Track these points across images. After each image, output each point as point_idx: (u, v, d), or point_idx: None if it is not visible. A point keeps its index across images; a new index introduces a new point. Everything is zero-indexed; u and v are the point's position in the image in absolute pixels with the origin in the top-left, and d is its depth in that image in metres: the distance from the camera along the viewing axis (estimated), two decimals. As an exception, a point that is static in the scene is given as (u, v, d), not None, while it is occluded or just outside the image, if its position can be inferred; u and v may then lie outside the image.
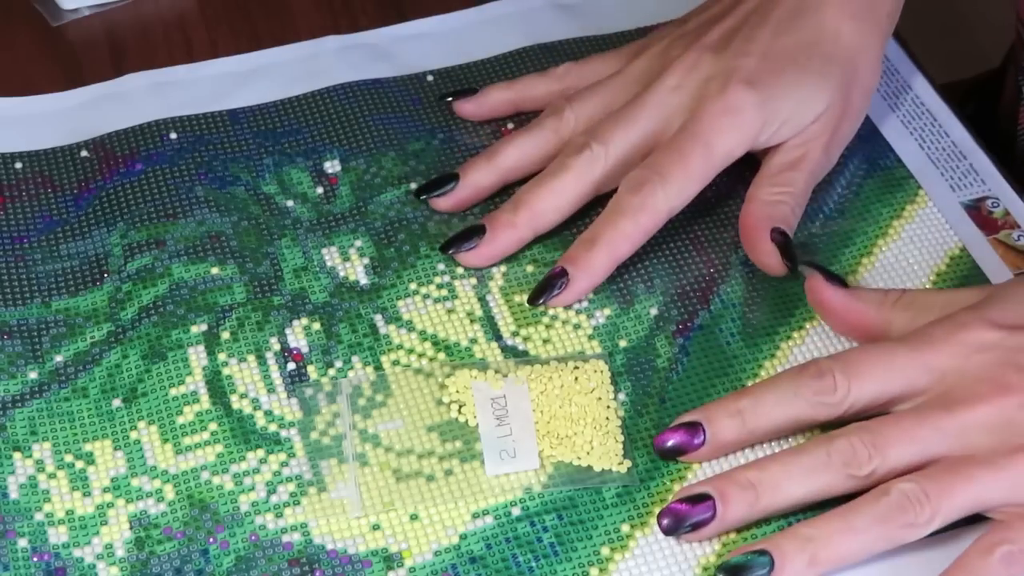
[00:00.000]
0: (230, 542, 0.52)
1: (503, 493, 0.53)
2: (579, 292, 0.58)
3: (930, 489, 0.50)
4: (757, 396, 0.53)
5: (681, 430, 0.53)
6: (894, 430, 0.51)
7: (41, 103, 0.66)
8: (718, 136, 0.58)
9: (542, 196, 0.59)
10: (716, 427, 0.53)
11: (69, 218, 0.62)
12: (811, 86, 0.60)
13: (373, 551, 0.52)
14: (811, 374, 0.52)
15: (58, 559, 0.51)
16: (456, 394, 0.55)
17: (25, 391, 0.56)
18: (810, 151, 0.60)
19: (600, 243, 0.58)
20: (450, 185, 0.61)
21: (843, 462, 0.50)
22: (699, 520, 0.51)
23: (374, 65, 0.68)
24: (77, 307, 0.59)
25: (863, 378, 0.52)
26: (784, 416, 0.53)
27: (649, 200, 0.58)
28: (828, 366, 0.52)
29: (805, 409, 0.52)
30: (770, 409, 0.53)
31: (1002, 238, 0.61)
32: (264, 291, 0.59)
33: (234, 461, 0.54)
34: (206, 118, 0.65)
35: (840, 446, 0.51)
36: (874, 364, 0.52)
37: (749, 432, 0.53)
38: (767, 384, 0.53)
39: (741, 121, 0.58)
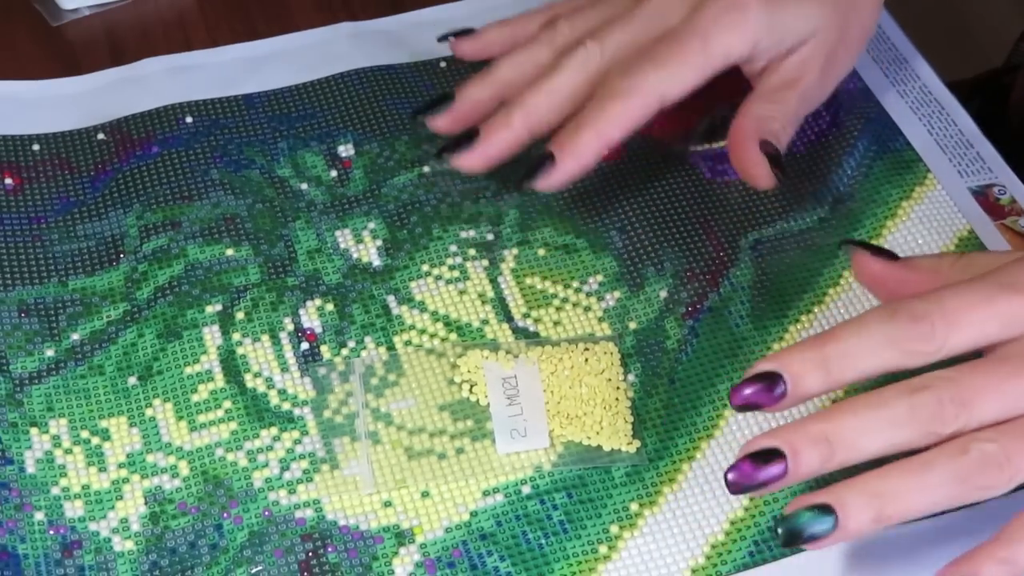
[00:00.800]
0: (244, 517, 0.52)
1: (513, 471, 0.54)
2: (566, 174, 0.56)
3: (1012, 450, 0.46)
4: (843, 341, 0.47)
5: (758, 383, 0.47)
6: (985, 382, 0.46)
7: (59, 87, 0.67)
8: (719, 31, 0.56)
9: (536, 95, 0.57)
10: (798, 378, 0.47)
11: (86, 199, 0.62)
12: (814, 3, 0.58)
13: (385, 527, 0.52)
14: (906, 318, 0.47)
15: (74, 532, 0.52)
16: (468, 374, 0.56)
17: (42, 368, 0.56)
18: (805, 72, 0.58)
19: (586, 125, 0.56)
20: (447, 103, 0.60)
21: (927, 418, 0.46)
22: (769, 479, 0.46)
23: (388, 51, 0.69)
24: (93, 286, 0.59)
25: (962, 324, 0.47)
26: (874, 364, 0.47)
27: (640, 82, 0.56)
28: (925, 309, 0.47)
29: (899, 358, 0.47)
30: (860, 358, 0.47)
31: (1009, 224, 0.62)
32: (278, 272, 0.60)
33: (248, 438, 0.55)
34: (222, 102, 0.66)
35: (925, 400, 0.46)
36: (973, 307, 0.47)
37: (835, 382, 0.47)
38: (853, 328, 0.47)
39: (744, 20, 0.56)
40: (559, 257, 0.60)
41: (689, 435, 0.55)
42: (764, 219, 0.62)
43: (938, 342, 0.47)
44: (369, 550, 0.52)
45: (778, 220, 0.62)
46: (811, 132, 0.65)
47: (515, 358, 0.56)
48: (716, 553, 0.52)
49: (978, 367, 0.47)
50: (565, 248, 0.61)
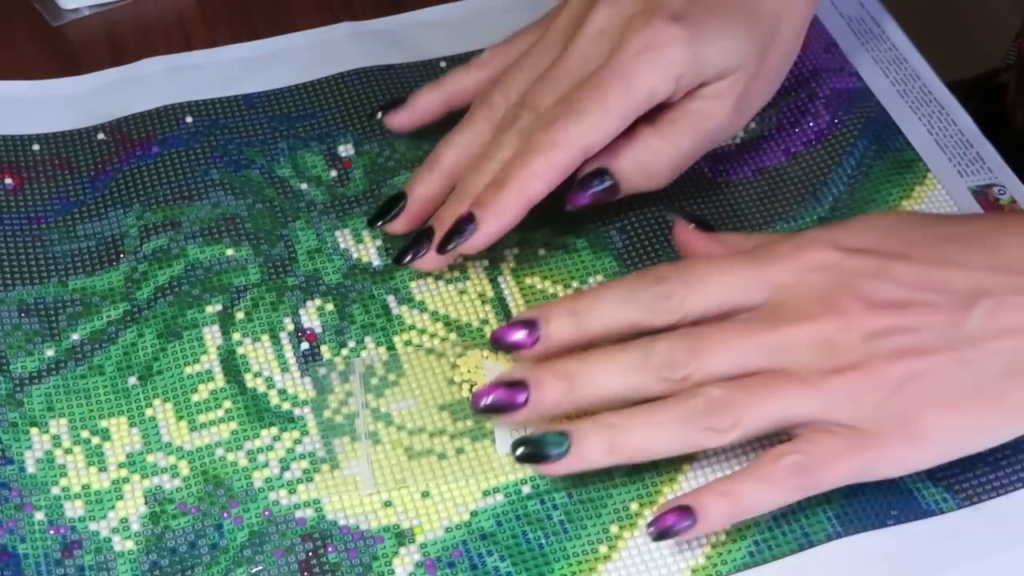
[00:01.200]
0: (244, 517, 0.52)
1: (513, 471, 0.54)
2: (488, 235, 0.56)
3: (737, 397, 0.50)
4: (594, 297, 0.53)
5: (519, 326, 0.53)
6: (715, 338, 0.51)
7: (58, 87, 0.67)
8: (640, 71, 0.55)
9: (483, 181, 0.57)
10: (551, 325, 0.52)
11: (86, 199, 0.62)
12: (735, 36, 0.58)
13: (385, 527, 0.52)
14: (649, 279, 0.52)
15: (74, 532, 0.52)
16: (467, 374, 0.56)
17: (42, 368, 0.57)
18: (714, 109, 0.58)
19: (509, 183, 0.55)
20: (399, 206, 0.59)
21: (659, 363, 0.51)
22: (512, 403, 0.51)
23: (388, 51, 0.69)
24: (93, 286, 0.59)
25: (700, 287, 0.52)
26: (619, 318, 0.52)
27: (561, 136, 0.55)
28: (667, 272, 0.52)
29: (641, 313, 0.52)
30: (606, 311, 0.52)
31: (1009, 224, 0.62)
32: (278, 272, 0.60)
33: (248, 438, 0.55)
34: (221, 102, 0.66)
35: (659, 348, 0.51)
36: (713, 274, 0.52)
37: (583, 332, 0.52)
38: (606, 285, 0.53)
39: (666, 57, 0.56)
40: (559, 257, 0.60)
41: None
42: (764, 219, 0.62)
43: (676, 300, 0.52)
44: (369, 550, 0.52)
45: (778, 220, 0.62)
46: (810, 132, 0.65)
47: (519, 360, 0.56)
48: (716, 553, 0.52)
49: (713, 325, 0.52)
50: (565, 248, 0.61)
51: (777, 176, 0.64)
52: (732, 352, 0.51)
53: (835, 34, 0.69)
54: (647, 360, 0.51)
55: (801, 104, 0.66)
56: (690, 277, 0.52)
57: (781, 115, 0.65)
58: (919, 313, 0.50)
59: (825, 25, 0.69)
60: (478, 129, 0.59)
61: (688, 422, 0.50)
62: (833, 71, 0.68)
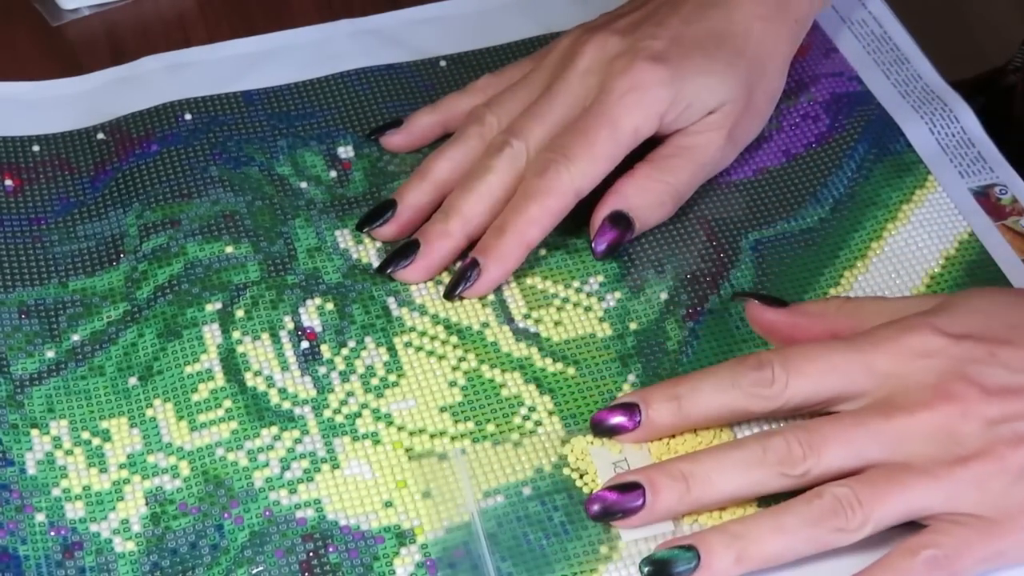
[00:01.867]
0: (244, 517, 0.52)
1: (514, 473, 0.54)
2: (492, 281, 0.58)
3: (863, 494, 0.49)
4: (695, 382, 0.53)
5: (620, 410, 0.53)
6: (832, 431, 0.51)
7: (57, 87, 0.67)
8: (624, 113, 0.58)
9: (471, 201, 0.59)
10: (652, 410, 0.53)
11: (86, 199, 0.62)
12: (718, 74, 0.60)
13: (386, 527, 0.52)
14: (750, 365, 0.52)
15: (75, 534, 0.52)
16: (576, 462, 0.54)
17: (42, 369, 0.56)
18: (707, 143, 0.60)
19: (508, 230, 0.58)
20: (389, 213, 0.60)
21: (777, 459, 0.50)
22: (628, 508, 0.51)
23: (387, 50, 0.69)
24: (94, 287, 0.59)
25: (802, 374, 0.52)
26: (720, 405, 0.52)
27: (554, 183, 0.58)
28: (768, 358, 0.52)
29: (741, 400, 0.52)
30: (707, 396, 0.52)
31: (1010, 224, 0.62)
32: (278, 270, 0.60)
33: (248, 438, 0.55)
34: (220, 99, 0.66)
35: (775, 443, 0.50)
36: (814, 360, 0.52)
37: (684, 417, 0.53)
38: (707, 371, 0.53)
39: (648, 97, 0.58)
40: (559, 257, 0.60)
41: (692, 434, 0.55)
42: (765, 220, 0.62)
43: (778, 387, 0.52)
44: (370, 550, 0.52)
45: (779, 221, 0.62)
46: (810, 135, 0.65)
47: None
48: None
49: (828, 418, 0.51)
50: (565, 248, 0.61)
51: (777, 177, 0.64)
52: (850, 445, 0.50)
53: (836, 37, 0.69)
54: (764, 457, 0.50)
55: (801, 108, 0.66)
56: (791, 363, 0.52)
57: (782, 118, 0.66)
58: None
59: (825, 30, 0.69)
60: (470, 145, 0.61)
61: (816, 524, 0.49)
62: (833, 76, 0.68)
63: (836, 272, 0.60)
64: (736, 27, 0.61)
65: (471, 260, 0.58)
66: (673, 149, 0.60)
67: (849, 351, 0.52)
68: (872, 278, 0.60)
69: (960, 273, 0.60)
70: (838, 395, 0.52)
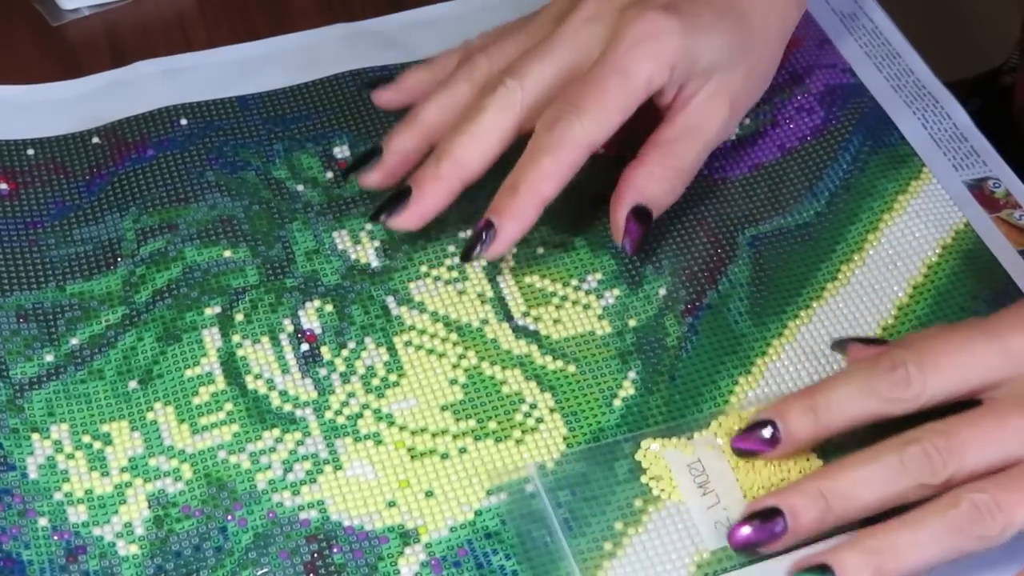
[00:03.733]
0: (248, 519, 0.52)
1: (516, 471, 0.54)
2: (509, 239, 0.56)
3: (1003, 499, 0.47)
4: (829, 391, 0.51)
5: (757, 430, 0.52)
6: (971, 433, 0.49)
7: (52, 91, 0.67)
8: (635, 63, 0.56)
9: (463, 143, 0.57)
10: (790, 424, 0.51)
11: (82, 203, 0.62)
12: (725, 34, 0.58)
13: (390, 527, 0.52)
14: (884, 367, 0.50)
15: (78, 537, 0.52)
16: (651, 468, 0.53)
17: (42, 373, 0.56)
18: (708, 119, 0.59)
19: (522, 187, 0.56)
20: (376, 158, 0.59)
21: (917, 470, 0.49)
22: (770, 536, 0.50)
23: (381, 52, 0.69)
24: (91, 291, 0.59)
25: (940, 370, 0.50)
26: (858, 411, 0.51)
27: (566, 134, 0.55)
28: (902, 358, 0.50)
29: (879, 404, 0.50)
30: (843, 405, 0.51)
31: (1004, 217, 0.62)
32: (277, 273, 0.60)
33: (250, 440, 0.54)
34: (216, 104, 0.66)
35: (913, 453, 0.49)
36: (951, 354, 0.50)
37: (823, 428, 0.51)
38: (839, 378, 0.51)
39: (659, 47, 0.56)
40: (558, 255, 0.61)
41: (689, 431, 0.55)
42: (761, 215, 0.62)
43: (915, 388, 0.50)
44: (374, 550, 0.52)
45: (775, 216, 0.62)
46: (805, 128, 0.65)
47: (690, 440, 0.54)
48: (722, 548, 0.52)
49: (965, 418, 0.49)
50: (564, 246, 0.61)
51: (773, 172, 0.64)
52: (992, 446, 0.49)
53: (828, 30, 0.70)
54: (903, 468, 0.49)
55: (796, 100, 0.66)
56: (926, 360, 0.50)
57: (776, 112, 0.66)
58: None
59: (818, 21, 0.70)
60: (459, 90, 0.59)
61: (956, 534, 0.48)
62: (827, 67, 0.68)
63: (833, 267, 0.60)
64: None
65: (486, 221, 0.56)
66: (677, 131, 0.59)
67: (984, 338, 0.50)
68: (869, 271, 0.60)
69: (957, 262, 0.60)
70: (978, 387, 0.50)
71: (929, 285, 0.60)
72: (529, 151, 0.56)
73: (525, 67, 0.58)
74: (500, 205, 0.56)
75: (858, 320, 0.58)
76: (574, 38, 0.58)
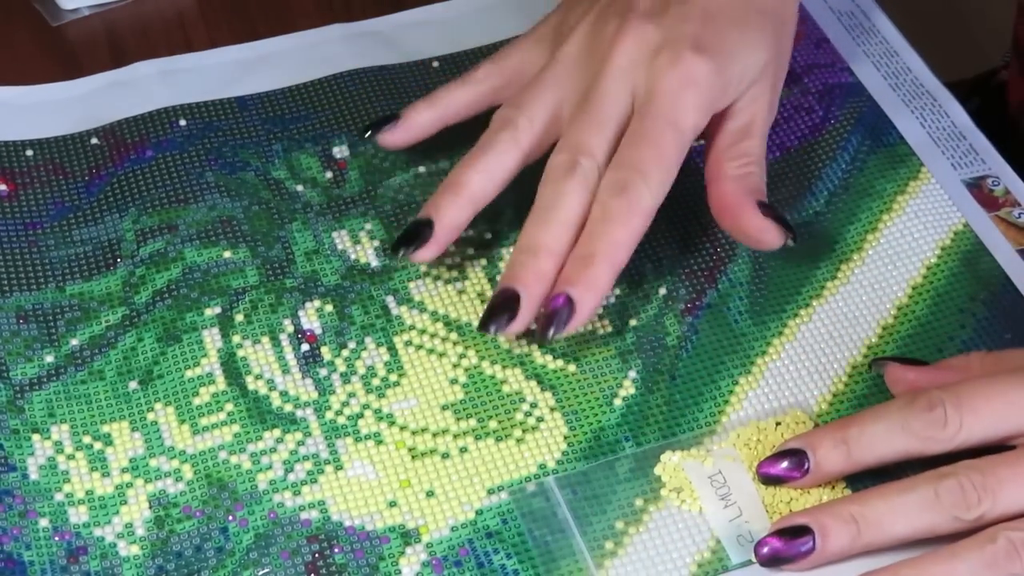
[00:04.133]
0: (249, 520, 0.52)
1: (517, 470, 0.54)
2: (588, 312, 0.54)
3: None
4: (863, 426, 0.51)
5: (787, 458, 0.52)
6: (1008, 473, 0.49)
7: (51, 91, 0.67)
8: (684, 113, 0.55)
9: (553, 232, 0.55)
10: (820, 456, 0.51)
11: (81, 204, 0.62)
12: (752, 43, 0.57)
13: (391, 527, 0.52)
14: (921, 406, 0.50)
15: (79, 538, 0.52)
16: (671, 480, 0.53)
17: (42, 374, 0.56)
18: (758, 113, 0.58)
19: (599, 257, 0.54)
20: (427, 232, 0.56)
21: (951, 503, 0.49)
22: (797, 553, 0.50)
23: (380, 52, 0.69)
24: (91, 291, 0.59)
25: (977, 413, 0.50)
26: (891, 448, 0.51)
27: (636, 203, 0.54)
28: (940, 398, 0.50)
29: (913, 443, 0.50)
30: (877, 441, 0.51)
31: (1003, 215, 0.62)
32: (276, 274, 0.60)
33: (251, 441, 0.54)
34: (215, 105, 0.66)
35: (949, 486, 0.49)
36: (989, 398, 0.50)
37: (854, 463, 0.51)
38: (874, 413, 0.52)
39: (701, 92, 0.56)
40: (557, 255, 0.60)
41: (691, 431, 0.55)
42: (761, 214, 0.62)
43: (951, 429, 0.50)
44: (375, 550, 0.52)
45: (774, 215, 0.62)
46: (804, 127, 0.65)
47: (709, 451, 0.54)
48: (722, 548, 0.52)
49: (1003, 458, 0.50)
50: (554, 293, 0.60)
51: (772, 171, 0.63)
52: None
53: (826, 29, 0.70)
54: (937, 500, 0.49)
55: (794, 99, 0.66)
56: (964, 403, 0.50)
57: (775, 111, 0.66)
58: None
59: (816, 20, 0.70)
60: (505, 156, 0.57)
61: (991, 568, 0.48)
62: (825, 66, 0.68)
63: (832, 266, 0.60)
64: None
65: (564, 297, 0.53)
66: (733, 132, 0.58)
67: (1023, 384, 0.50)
68: (869, 271, 0.60)
69: (956, 263, 0.60)
70: (1014, 432, 0.50)
71: (928, 286, 0.60)
72: (601, 218, 0.54)
73: (589, 141, 0.56)
74: (575, 276, 0.54)
75: (858, 319, 0.58)
76: (615, 95, 0.56)
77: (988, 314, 0.59)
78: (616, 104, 0.56)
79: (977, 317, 0.58)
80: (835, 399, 0.56)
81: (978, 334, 0.58)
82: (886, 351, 0.57)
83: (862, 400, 0.56)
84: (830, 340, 0.58)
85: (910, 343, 0.58)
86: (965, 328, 0.58)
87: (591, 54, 0.58)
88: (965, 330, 0.58)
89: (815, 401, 0.56)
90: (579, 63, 0.58)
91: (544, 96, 0.58)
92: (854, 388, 0.56)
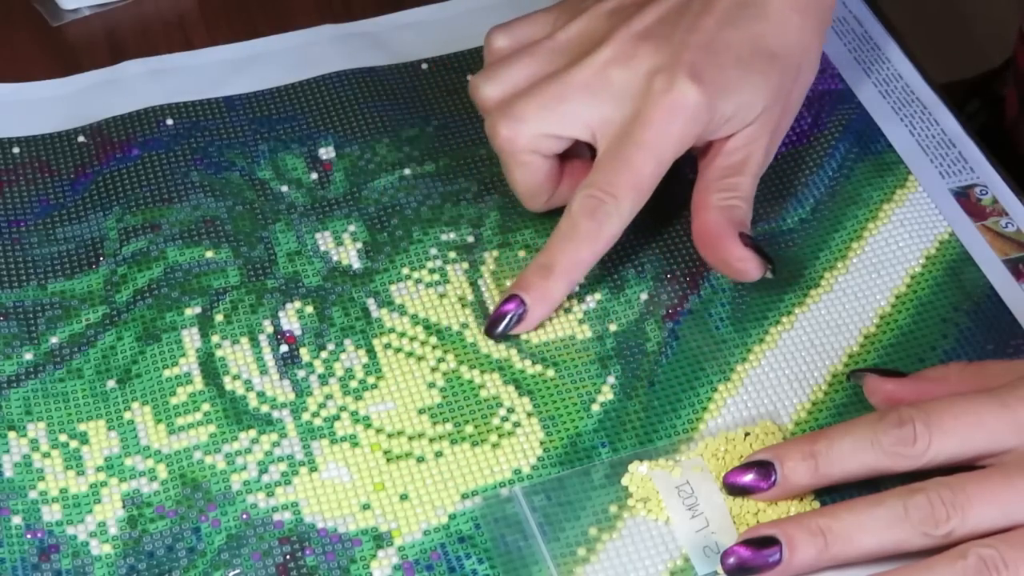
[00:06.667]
0: (222, 520, 0.52)
1: (492, 475, 0.54)
2: (537, 320, 0.57)
3: (1009, 557, 0.47)
4: (832, 440, 0.51)
5: (753, 470, 0.52)
6: (977, 490, 0.49)
7: (39, 89, 0.67)
8: (666, 141, 0.56)
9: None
10: (788, 469, 0.51)
11: (66, 202, 0.62)
12: (752, 86, 0.58)
13: (363, 530, 0.52)
14: (891, 422, 0.50)
15: (51, 536, 0.52)
16: (638, 491, 0.53)
17: (20, 372, 0.56)
18: (752, 153, 0.58)
19: (557, 271, 0.57)
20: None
21: (920, 519, 0.48)
22: (764, 564, 0.49)
23: (369, 53, 0.69)
24: (73, 290, 0.59)
25: (946, 432, 0.50)
26: (859, 464, 0.50)
27: (605, 226, 0.56)
28: (910, 416, 0.50)
29: (882, 459, 0.50)
30: (845, 455, 0.50)
31: (990, 225, 0.61)
32: (258, 274, 0.60)
33: (226, 441, 0.54)
34: (202, 104, 0.66)
35: (918, 502, 0.49)
36: (959, 417, 0.50)
37: (822, 476, 0.51)
38: (844, 428, 0.51)
39: (686, 120, 0.56)
40: (539, 259, 0.60)
41: (668, 438, 0.55)
42: (745, 221, 0.62)
43: (920, 446, 0.50)
44: (347, 553, 0.51)
45: (759, 222, 0.62)
46: (792, 134, 0.65)
47: (677, 462, 0.54)
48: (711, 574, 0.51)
49: (973, 475, 0.49)
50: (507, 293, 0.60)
51: (759, 178, 0.63)
52: (997, 505, 0.49)
53: (817, 35, 0.69)
54: (906, 515, 0.49)
55: (783, 105, 0.66)
56: (934, 421, 0.50)
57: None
58: None
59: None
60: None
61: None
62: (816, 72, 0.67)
63: (816, 273, 0.60)
64: (772, 26, 0.58)
65: (517, 299, 0.57)
66: (724, 169, 0.58)
67: (995, 405, 0.50)
68: (853, 279, 0.60)
69: (940, 273, 0.60)
70: (983, 453, 0.50)
71: (912, 295, 0.59)
72: (567, 234, 0.57)
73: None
74: (531, 283, 0.57)
75: (840, 328, 0.58)
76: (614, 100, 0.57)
77: (971, 324, 0.58)
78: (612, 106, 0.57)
79: (960, 327, 0.58)
80: (814, 407, 0.56)
81: (960, 344, 0.58)
82: (868, 360, 0.57)
83: (841, 409, 0.56)
84: (811, 348, 0.58)
85: (892, 352, 0.57)
86: (947, 338, 0.58)
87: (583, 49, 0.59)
88: (947, 340, 0.58)
89: (794, 409, 0.55)
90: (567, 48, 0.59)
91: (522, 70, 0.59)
92: (833, 397, 0.56)
